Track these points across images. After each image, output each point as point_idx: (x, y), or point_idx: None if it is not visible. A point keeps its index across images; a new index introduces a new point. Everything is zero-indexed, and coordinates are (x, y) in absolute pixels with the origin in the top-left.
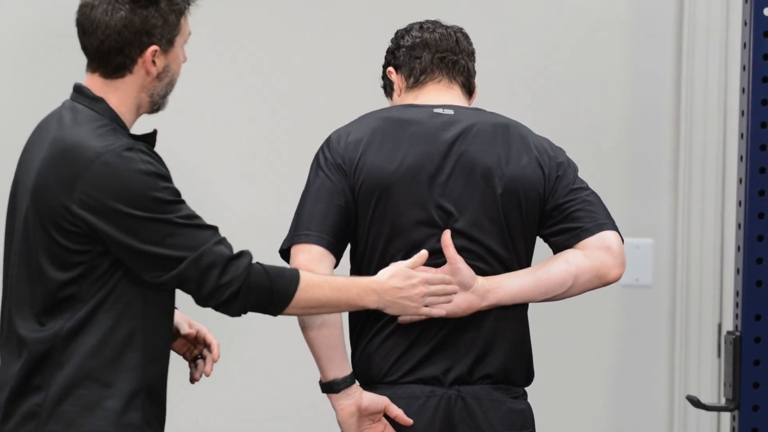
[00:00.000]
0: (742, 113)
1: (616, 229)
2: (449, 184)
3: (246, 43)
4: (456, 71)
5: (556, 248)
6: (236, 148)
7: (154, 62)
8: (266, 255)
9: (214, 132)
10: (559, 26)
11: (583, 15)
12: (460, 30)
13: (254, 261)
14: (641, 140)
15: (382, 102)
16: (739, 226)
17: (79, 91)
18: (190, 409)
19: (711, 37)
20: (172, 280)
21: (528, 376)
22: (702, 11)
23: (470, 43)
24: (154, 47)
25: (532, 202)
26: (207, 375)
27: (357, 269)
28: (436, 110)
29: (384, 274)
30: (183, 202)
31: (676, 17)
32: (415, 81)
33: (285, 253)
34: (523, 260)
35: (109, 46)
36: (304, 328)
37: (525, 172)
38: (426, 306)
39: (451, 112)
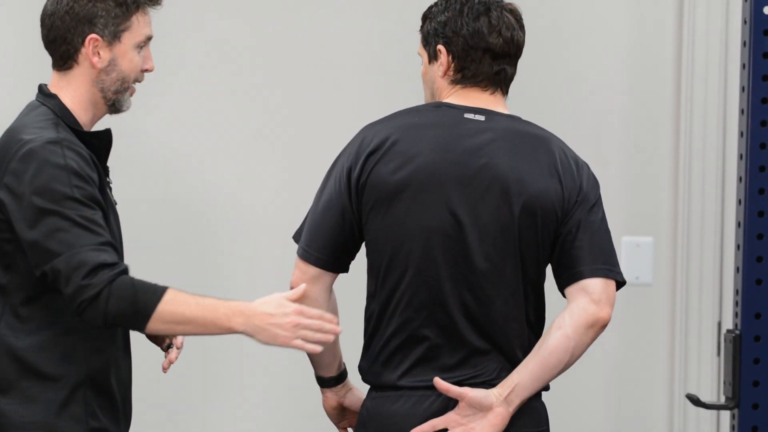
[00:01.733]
0: (742, 111)
1: (608, 272)
2: (466, 194)
3: (248, 41)
4: (504, 81)
5: (559, 287)
6: (239, 146)
7: (98, 54)
8: (268, 252)
9: (217, 130)
10: (559, 24)
11: (583, 13)
12: (520, 25)
13: (129, 275)
14: (641, 138)
15: (389, 101)
16: (738, 224)
17: (39, 89)
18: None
19: (711, 35)
20: (48, 273)
21: None
22: (702, 9)
23: (524, 32)
24: (93, 36)
25: (549, 225)
26: (171, 362)
27: (370, 276)
28: (467, 114)
29: (258, 300)
30: (91, 206)
31: (676, 16)
32: (463, 78)
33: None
34: (533, 282)
35: (55, 34)
36: None
37: (547, 193)
38: (300, 339)
39: (482, 118)
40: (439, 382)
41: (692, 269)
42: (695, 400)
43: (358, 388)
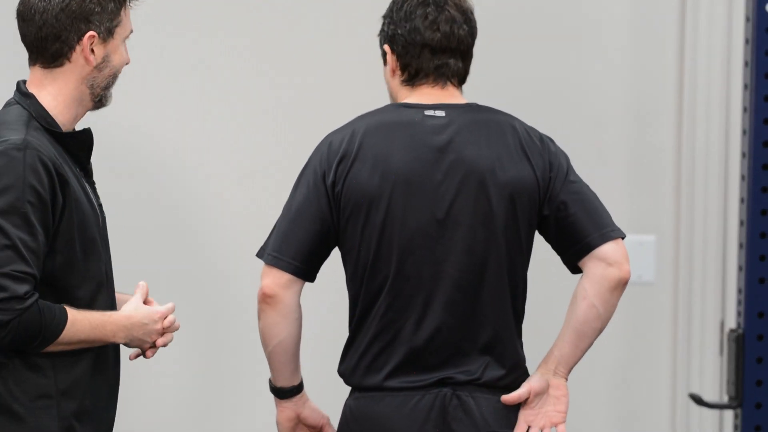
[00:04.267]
0: (745, 109)
1: (613, 233)
2: (441, 191)
3: (246, 40)
4: (451, 74)
5: (565, 263)
6: (235, 146)
7: (93, 51)
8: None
9: (214, 130)
10: (561, 22)
11: (585, 11)
12: (466, 18)
13: (37, 304)
14: (644, 137)
15: (381, 99)
16: (741, 223)
17: (17, 87)
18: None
19: (713, 33)
20: None
21: (521, 376)
22: (704, 7)
23: (473, 27)
24: (91, 33)
25: (530, 208)
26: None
27: (352, 282)
28: (427, 112)
29: (128, 308)
30: (32, 231)
31: (678, 13)
32: (410, 78)
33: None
34: (516, 271)
35: (47, 32)
36: (263, 345)
37: (520, 177)
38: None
39: (442, 113)
40: (507, 399)
41: (695, 268)
42: (698, 400)
43: (311, 400)
